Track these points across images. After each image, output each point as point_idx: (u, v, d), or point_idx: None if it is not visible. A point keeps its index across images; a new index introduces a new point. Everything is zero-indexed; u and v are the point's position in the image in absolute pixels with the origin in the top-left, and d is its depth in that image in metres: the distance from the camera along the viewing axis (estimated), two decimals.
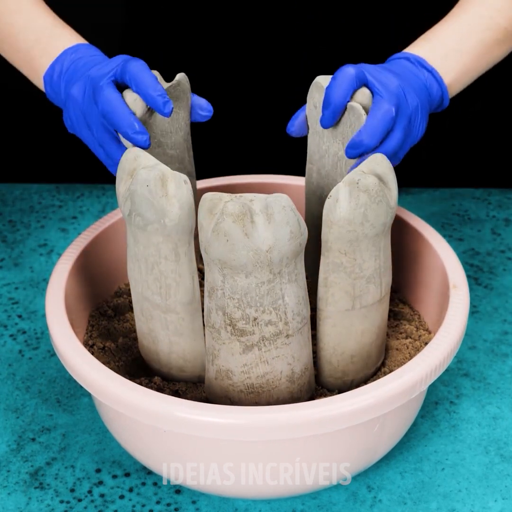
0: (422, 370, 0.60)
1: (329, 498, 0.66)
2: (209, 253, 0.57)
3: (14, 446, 0.71)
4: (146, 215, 0.58)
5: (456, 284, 0.67)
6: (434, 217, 0.99)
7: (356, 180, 0.58)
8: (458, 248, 0.94)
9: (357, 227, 0.58)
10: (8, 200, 1.03)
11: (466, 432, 0.72)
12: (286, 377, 0.61)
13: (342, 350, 0.63)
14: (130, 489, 0.67)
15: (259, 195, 0.56)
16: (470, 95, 1.06)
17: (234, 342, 0.59)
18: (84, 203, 1.02)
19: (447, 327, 0.63)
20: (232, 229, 0.55)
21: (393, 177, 0.61)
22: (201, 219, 0.57)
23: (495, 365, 0.78)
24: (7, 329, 0.83)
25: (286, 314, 0.59)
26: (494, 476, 0.68)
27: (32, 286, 0.89)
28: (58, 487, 0.67)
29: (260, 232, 0.55)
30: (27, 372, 0.78)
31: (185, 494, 0.67)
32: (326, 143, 0.68)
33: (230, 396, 0.62)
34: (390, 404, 0.59)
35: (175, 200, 0.58)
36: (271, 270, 0.57)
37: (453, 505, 0.66)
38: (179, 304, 0.62)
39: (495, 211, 1.00)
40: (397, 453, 0.70)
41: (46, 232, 0.97)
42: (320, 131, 0.69)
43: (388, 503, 0.66)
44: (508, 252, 0.93)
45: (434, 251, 0.71)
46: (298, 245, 0.57)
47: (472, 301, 0.86)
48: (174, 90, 0.67)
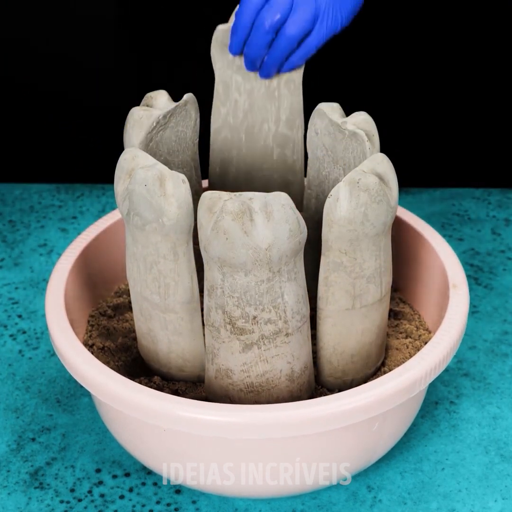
0: (422, 369, 0.60)
1: (329, 498, 0.66)
2: (208, 252, 0.57)
3: (14, 446, 0.71)
4: (144, 215, 0.58)
5: (455, 283, 0.67)
6: (434, 217, 0.99)
7: (357, 180, 0.58)
8: (458, 248, 0.94)
9: (358, 227, 0.58)
10: (8, 200, 1.03)
11: (466, 432, 0.72)
12: (285, 376, 0.61)
13: (342, 349, 0.63)
14: (130, 489, 0.67)
15: (258, 194, 0.56)
16: (470, 95, 1.07)
17: (234, 341, 0.59)
18: (84, 203, 1.03)
19: (446, 325, 0.63)
20: (231, 227, 0.55)
21: (394, 177, 0.61)
22: (200, 218, 0.57)
23: (495, 365, 0.78)
24: (7, 329, 0.83)
25: (286, 313, 0.59)
26: (494, 476, 0.68)
27: (32, 286, 0.89)
28: (58, 487, 0.67)
29: (259, 230, 0.55)
30: (27, 372, 0.78)
31: (185, 494, 0.67)
32: (326, 168, 0.68)
33: (230, 395, 0.62)
34: (390, 403, 0.59)
35: (173, 199, 0.58)
36: (270, 269, 0.57)
37: (453, 505, 0.66)
38: (178, 304, 0.62)
39: (495, 211, 1.00)
40: (397, 453, 0.70)
41: (46, 232, 0.97)
42: (320, 157, 0.68)
43: (388, 503, 0.66)
44: (508, 252, 0.93)
45: (433, 251, 0.71)
46: (297, 243, 0.57)
47: (472, 301, 0.86)
48: (181, 110, 0.67)
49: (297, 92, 0.71)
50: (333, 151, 0.67)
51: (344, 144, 0.65)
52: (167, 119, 0.66)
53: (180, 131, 0.68)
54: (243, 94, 0.72)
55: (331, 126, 0.66)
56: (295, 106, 0.72)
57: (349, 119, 0.65)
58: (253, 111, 0.72)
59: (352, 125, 0.64)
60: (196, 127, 0.69)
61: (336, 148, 0.66)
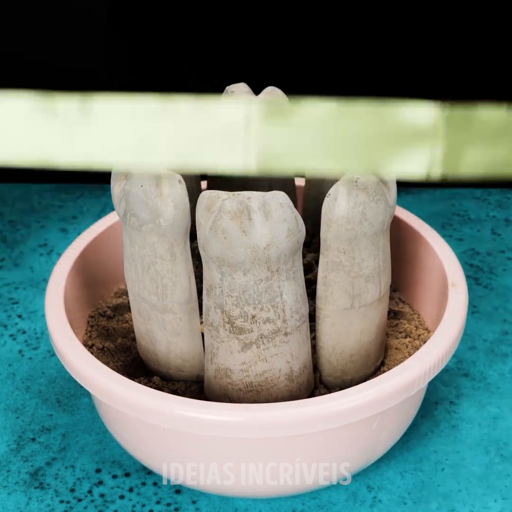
0: (421, 367, 0.60)
1: (329, 498, 0.66)
2: (207, 251, 0.57)
3: (14, 446, 0.71)
4: (141, 215, 0.58)
5: (454, 282, 0.67)
6: (434, 217, 0.99)
7: (355, 179, 0.58)
8: (458, 248, 0.94)
9: (356, 226, 0.58)
10: (8, 200, 1.03)
11: (466, 432, 0.72)
12: (285, 375, 0.61)
13: (341, 349, 0.63)
14: (130, 489, 0.67)
15: (256, 193, 0.56)
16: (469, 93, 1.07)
17: (233, 340, 0.59)
18: (84, 203, 1.03)
19: (445, 323, 0.63)
20: (229, 226, 0.55)
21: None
22: (199, 217, 0.57)
23: (495, 365, 0.78)
24: (7, 329, 0.83)
25: (285, 312, 0.59)
26: (494, 476, 0.68)
27: (32, 286, 0.89)
28: (58, 487, 0.67)
29: (257, 229, 0.55)
30: (27, 372, 0.78)
31: (185, 494, 0.67)
32: None
33: (229, 395, 0.62)
34: (389, 402, 0.59)
35: (170, 200, 0.58)
36: (269, 268, 0.57)
37: (453, 505, 0.66)
38: (176, 304, 0.62)
39: (495, 211, 1.00)
40: (397, 453, 0.70)
41: (46, 232, 0.97)
42: None
43: (388, 503, 0.66)
44: (508, 252, 0.93)
45: (433, 251, 0.71)
46: (295, 242, 0.57)
47: (472, 301, 0.85)
48: None
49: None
50: None
51: None
52: None
53: None
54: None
55: None
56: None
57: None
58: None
59: None
60: None
61: None
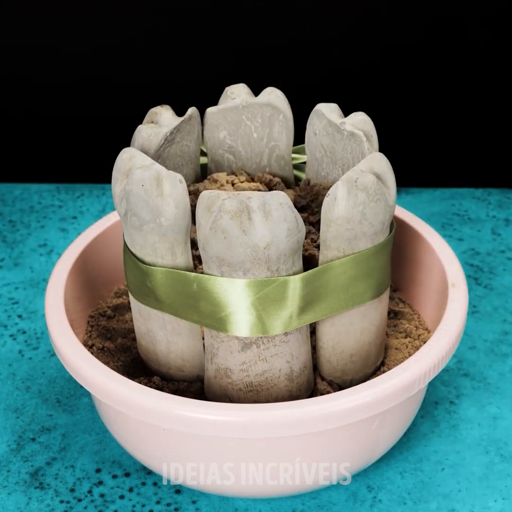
0: (421, 368, 0.60)
1: (329, 498, 0.66)
2: (207, 251, 0.57)
3: (14, 446, 0.71)
4: (142, 215, 0.58)
5: (454, 282, 0.67)
6: (434, 217, 0.99)
7: (355, 179, 0.58)
8: (458, 248, 0.94)
9: (356, 226, 0.58)
10: (8, 200, 1.03)
11: (466, 432, 0.72)
12: (285, 375, 0.61)
13: (341, 349, 0.63)
14: (130, 489, 0.67)
15: (256, 193, 0.56)
16: (469, 95, 1.07)
17: (233, 340, 0.59)
18: (84, 203, 1.03)
19: (445, 323, 0.63)
20: (229, 226, 0.55)
21: (392, 176, 0.61)
22: (199, 217, 0.57)
23: (495, 365, 0.78)
24: (7, 329, 0.83)
25: None
26: (494, 476, 0.68)
27: (32, 286, 0.89)
28: (58, 487, 0.67)
29: (257, 229, 0.55)
30: (27, 372, 0.78)
31: (185, 494, 0.67)
32: (325, 169, 0.68)
33: (229, 395, 0.62)
34: (389, 402, 0.59)
35: (171, 199, 0.58)
36: (268, 267, 0.57)
37: (453, 505, 0.66)
38: None
39: (495, 211, 1.00)
40: (397, 453, 0.70)
41: (46, 232, 0.98)
42: (319, 158, 0.68)
43: (388, 503, 0.66)
44: (508, 252, 0.93)
45: (433, 251, 0.71)
46: (295, 242, 0.57)
47: (472, 301, 0.86)
48: (186, 125, 0.67)
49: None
50: (331, 152, 0.67)
51: (343, 144, 0.65)
52: (174, 135, 0.66)
53: (184, 145, 0.68)
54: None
55: (330, 126, 0.66)
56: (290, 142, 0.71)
57: (348, 119, 0.65)
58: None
59: (350, 125, 0.64)
60: (198, 139, 0.69)
61: (334, 148, 0.66)
